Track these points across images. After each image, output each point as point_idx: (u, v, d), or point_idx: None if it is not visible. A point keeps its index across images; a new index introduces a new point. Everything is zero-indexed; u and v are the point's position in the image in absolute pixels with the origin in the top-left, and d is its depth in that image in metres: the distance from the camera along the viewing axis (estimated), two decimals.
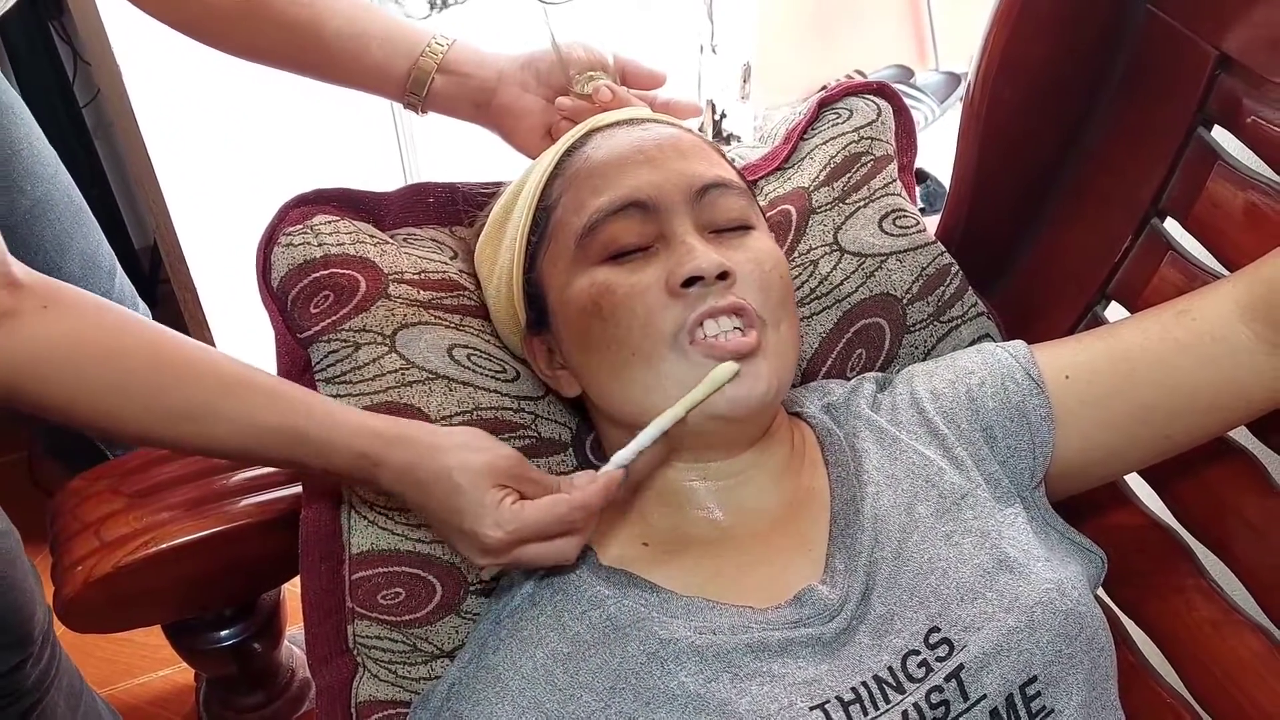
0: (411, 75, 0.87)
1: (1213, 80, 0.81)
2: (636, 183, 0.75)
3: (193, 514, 0.84)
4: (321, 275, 0.82)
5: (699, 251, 0.71)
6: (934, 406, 0.78)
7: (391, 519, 0.79)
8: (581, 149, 0.79)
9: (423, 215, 0.91)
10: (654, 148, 0.77)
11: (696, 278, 0.71)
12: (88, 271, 1.22)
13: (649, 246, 0.74)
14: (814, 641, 0.68)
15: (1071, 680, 0.68)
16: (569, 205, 0.77)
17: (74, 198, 1.21)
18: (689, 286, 0.71)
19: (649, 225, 0.74)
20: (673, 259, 0.72)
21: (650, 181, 0.75)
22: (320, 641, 0.80)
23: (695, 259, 0.71)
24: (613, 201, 0.74)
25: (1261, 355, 0.71)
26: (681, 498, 0.76)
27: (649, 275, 0.72)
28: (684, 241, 0.73)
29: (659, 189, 0.74)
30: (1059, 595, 0.69)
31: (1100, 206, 0.90)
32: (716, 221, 0.75)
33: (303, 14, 0.84)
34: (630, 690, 0.67)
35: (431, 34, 0.87)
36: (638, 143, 0.77)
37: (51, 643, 1.01)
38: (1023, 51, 0.84)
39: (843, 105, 0.96)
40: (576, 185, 0.77)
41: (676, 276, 0.71)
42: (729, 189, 0.76)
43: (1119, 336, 0.77)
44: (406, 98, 0.88)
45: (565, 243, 0.76)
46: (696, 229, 0.74)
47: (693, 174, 0.75)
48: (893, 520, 0.73)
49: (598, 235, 0.74)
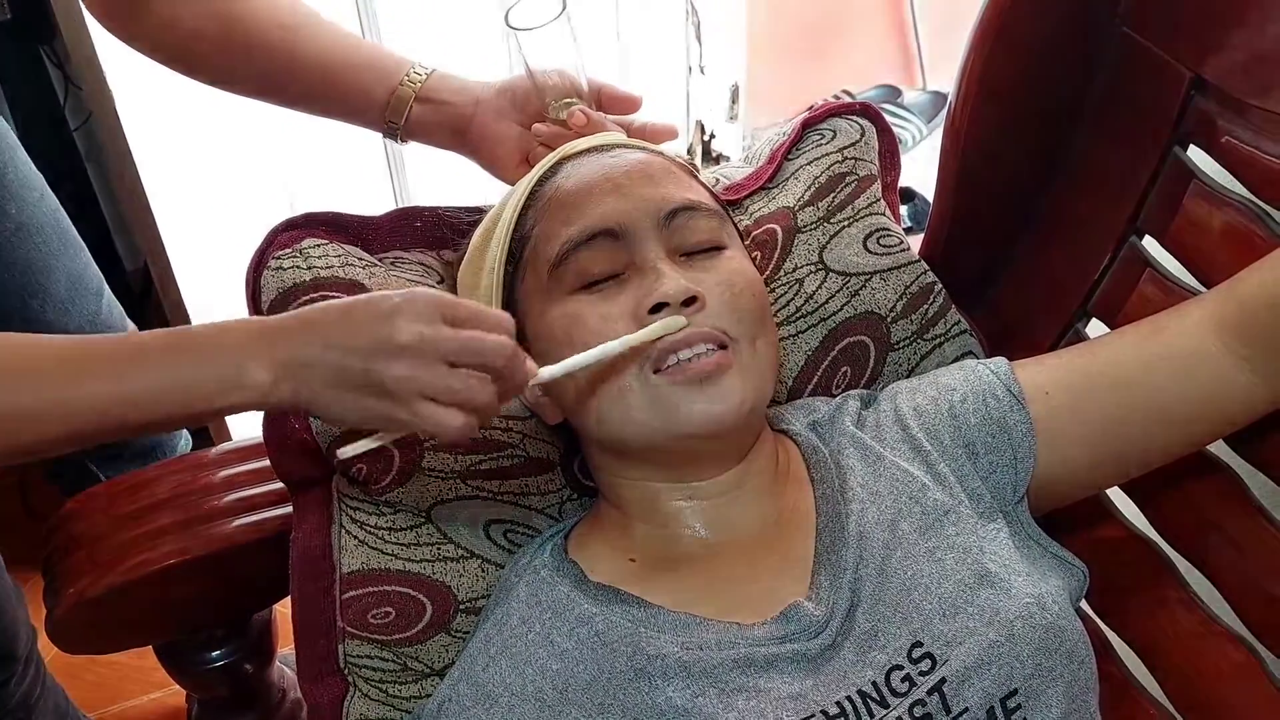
0: (390, 104, 0.87)
1: (1188, 101, 0.83)
2: (605, 210, 0.75)
3: (184, 535, 0.84)
4: (312, 298, 0.82)
5: (666, 278, 0.72)
6: (917, 423, 0.79)
7: (382, 538, 0.80)
8: (553, 178, 0.80)
9: (410, 239, 0.92)
10: (622, 174, 0.77)
11: (663, 304, 0.71)
12: (74, 293, 1.22)
13: (620, 273, 0.75)
14: (799, 657, 0.69)
15: (1052, 693, 0.68)
16: (541, 235, 0.78)
17: (60, 220, 1.22)
18: (656, 313, 0.72)
19: (619, 252, 0.75)
20: (642, 286, 0.73)
21: (618, 209, 0.75)
22: (311, 661, 0.80)
23: (661, 285, 0.72)
24: (582, 231, 0.75)
25: (1236, 370, 0.72)
26: (668, 516, 0.77)
27: (619, 304, 0.73)
28: (653, 268, 0.73)
29: (627, 216, 0.75)
30: (1039, 609, 0.70)
31: (1080, 225, 0.92)
32: (687, 244, 0.76)
33: (281, 44, 0.85)
34: (618, 706, 0.68)
35: (410, 63, 0.88)
36: (607, 170, 0.78)
37: (36, 662, 1.01)
38: (1002, 73, 0.85)
39: (826, 126, 0.98)
40: (548, 215, 0.78)
41: (643, 305, 0.72)
42: (698, 211, 0.77)
43: (1098, 353, 0.78)
44: (385, 126, 0.89)
45: (539, 272, 0.77)
46: (667, 254, 0.75)
47: (661, 199, 0.76)
48: (877, 537, 0.74)
49: (569, 265, 0.75)
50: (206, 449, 0.94)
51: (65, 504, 0.87)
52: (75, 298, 1.24)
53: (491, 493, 0.83)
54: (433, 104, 0.88)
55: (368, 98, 0.88)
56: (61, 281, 1.21)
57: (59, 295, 1.20)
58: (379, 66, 0.88)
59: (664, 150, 0.85)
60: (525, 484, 0.84)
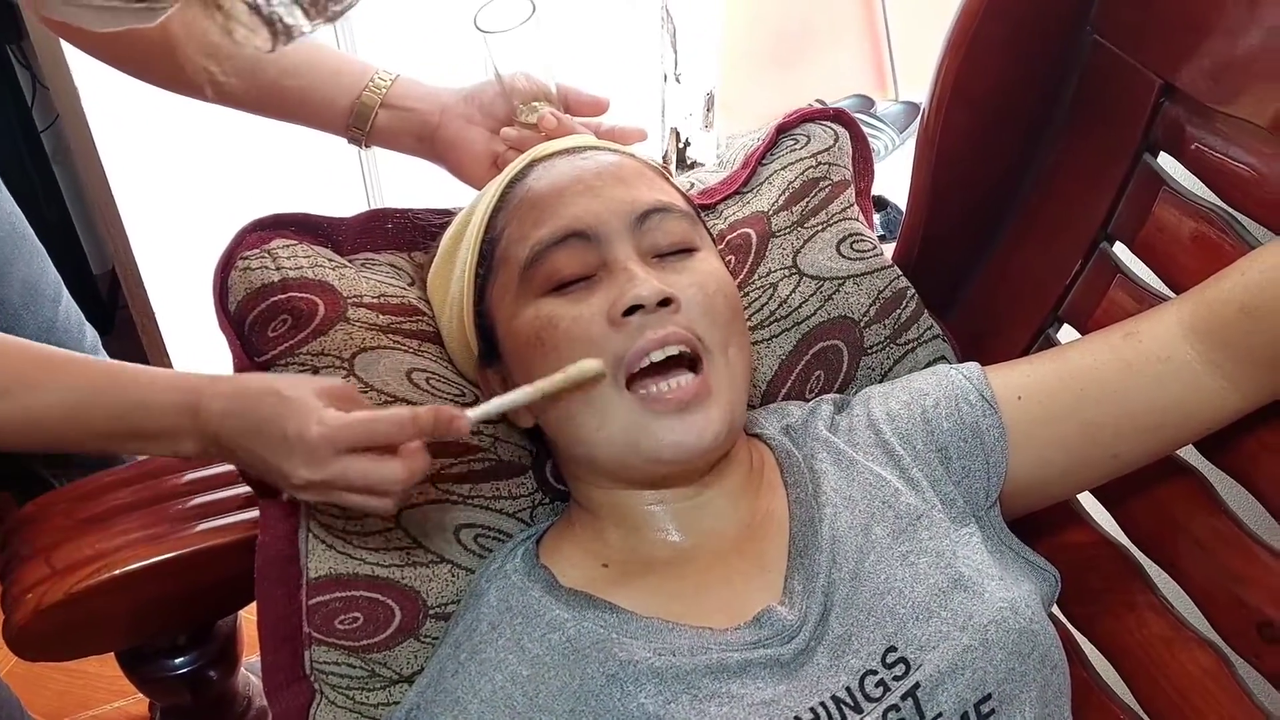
0: (354, 110, 0.87)
1: (1157, 108, 0.83)
2: (576, 212, 0.75)
3: (146, 539, 0.83)
4: (280, 299, 0.81)
5: (639, 279, 0.71)
6: (890, 428, 0.79)
7: (350, 542, 0.79)
8: (523, 180, 0.79)
9: (381, 240, 0.91)
10: (593, 176, 0.77)
11: (637, 306, 0.71)
12: (29, 299, 1.20)
13: (592, 275, 0.74)
14: (773, 662, 0.69)
15: (1025, 697, 0.68)
16: (512, 237, 0.77)
17: (16, 224, 1.19)
18: (630, 315, 0.71)
19: (590, 254, 0.74)
20: (614, 288, 0.72)
21: (590, 210, 0.75)
22: (277, 668, 0.79)
23: (636, 287, 0.71)
24: (553, 233, 0.74)
25: (1204, 375, 0.73)
26: (640, 520, 0.76)
27: (591, 306, 0.72)
28: (625, 269, 0.73)
29: (599, 217, 0.74)
30: (1012, 614, 0.70)
31: (1051, 231, 0.92)
32: (659, 246, 0.76)
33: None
34: (590, 713, 0.67)
35: (374, 69, 0.87)
36: (578, 171, 0.78)
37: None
38: (974, 79, 0.85)
39: (800, 131, 0.98)
40: (519, 217, 0.77)
41: (617, 307, 0.71)
42: (670, 212, 0.76)
43: (1069, 358, 0.79)
44: (349, 133, 0.88)
45: (510, 275, 0.76)
46: (639, 255, 0.74)
47: (633, 200, 0.76)
48: (850, 541, 0.73)
49: (540, 267, 0.74)
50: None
51: (22, 509, 0.85)
52: (30, 304, 1.22)
53: (462, 496, 0.82)
54: (398, 110, 0.87)
55: (331, 105, 0.87)
56: (16, 288, 1.19)
57: (12, 302, 1.18)
58: (342, 73, 0.87)
59: (635, 152, 0.84)
60: (496, 488, 0.83)
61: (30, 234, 1.21)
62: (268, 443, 0.68)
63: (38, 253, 1.23)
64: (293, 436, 0.67)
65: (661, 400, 0.71)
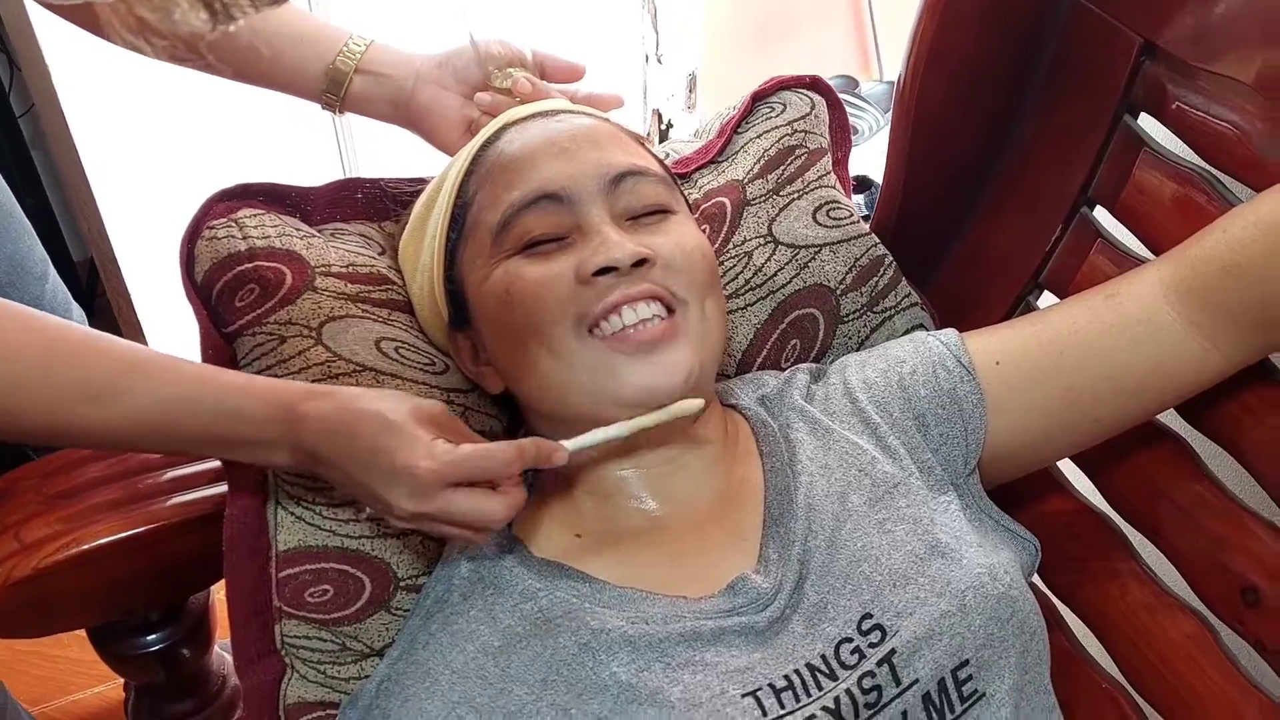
0: (329, 76, 0.86)
1: (1138, 68, 0.82)
2: (549, 174, 0.74)
3: (116, 514, 0.82)
4: (247, 268, 0.80)
5: (613, 242, 0.71)
6: (866, 396, 0.78)
7: (319, 514, 0.78)
8: (495, 144, 0.78)
9: (351, 210, 0.90)
10: (567, 139, 0.76)
11: (609, 269, 0.70)
12: (15, 277, 1.19)
13: (565, 237, 0.73)
14: (747, 630, 0.68)
15: (1003, 663, 0.68)
16: (484, 201, 0.76)
17: (2, 201, 1.19)
18: (600, 276, 0.70)
19: (564, 216, 0.73)
20: (587, 249, 0.71)
21: (563, 172, 0.74)
22: (247, 642, 0.78)
23: (608, 250, 0.70)
24: (525, 195, 0.73)
25: (1186, 336, 0.72)
26: (613, 487, 0.75)
27: (560, 264, 0.72)
28: (598, 231, 0.72)
29: (572, 179, 0.73)
30: (990, 579, 0.69)
31: (1031, 196, 0.91)
32: (633, 208, 0.75)
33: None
34: (563, 682, 0.66)
35: (347, 34, 0.87)
36: (551, 134, 0.77)
37: None
38: (951, 43, 0.84)
39: (776, 99, 0.97)
40: (491, 180, 0.76)
41: (587, 266, 0.70)
42: (645, 176, 0.75)
43: (1048, 321, 0.78)
44: (323, 98, 0.87)
45: (482, 238, 0.75)
46: (612, 218, 0.73)
47: (607, 163, 0.75)
48: (826, 509, 0.73)
49: (512, 228, 0.73)
50: None
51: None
52: (16, 282, 1.21)
53: None
54: (372, 76, 0.87)
55: (304, 71, 0.86)
56: (2, 266, 1.18)
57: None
58: (317, 39, 0.86)
59: (610, 117, 0.83)
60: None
61: (17, 211, 1.20)
62: (373, 470, 0.67)
63: (25, 230, 1.22)
64: (400, 469, 0.66)
65: (627, 340, 0.70)
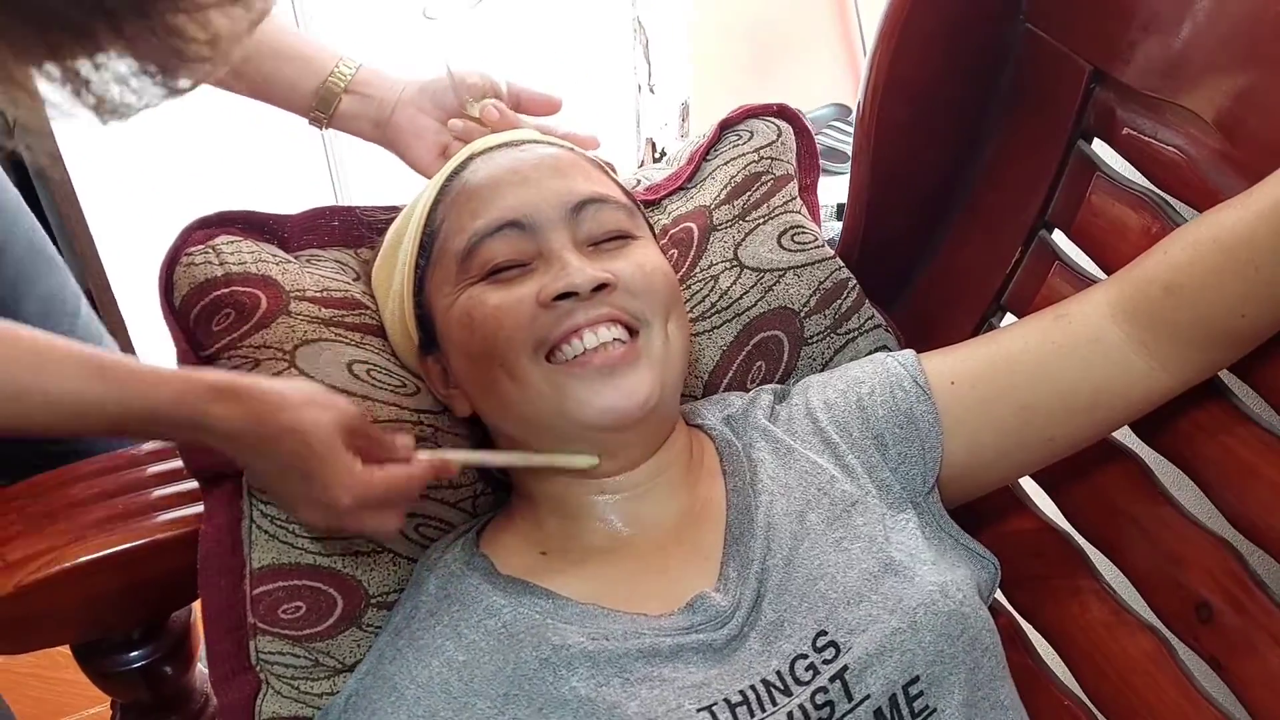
0: (319, 95, 0.90)
1: (1089, 94, 0.84)
2: (513, 202, 0.76)
3: (97, 533, 0.83)
4: (223, 293, 0.82)
5: (573, 267, 0.72)
6: (826, 416, 0.80)
7: (292, 532, 0.80)
8: (461, 174, 0.80)
9: (327, 237, 0.92)
10: (530, 168, 0.78)
11: (569, 294, 0.71)
12: (49, 310, 1.21)
13: (528, 263, 0.75)
14: (705, 647, 0.69)
15: (953, 680, 0.69)
16: (450, 229, 0.78)
17: (35, 240, 1.20)
18: (560, 300, 0.72)
19: (526, 243, 0.75)
20: (549, 275, 0.73)
21: (526, 200, 0.76)
22: (223, 659, 0.80)
23: (569, 275, 0.72)
24: (489, 223, 0.75)
25: (1133, 355, 0.73)
26: (580, 510, 0.77)
27: (522, 290, 0.73)
28: (560, 257, 0.73)
29: (534, 207, 0.75)
30: (942, 596, 0.70)
31: (992, 220, 0.93)
32: (595, 235, 0.76)
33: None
34: (524, 696, 0.68)
35: (339, 56, 0.91)
36: (515, 164, 0.79)
37: None
38: (907, 70, 0.86)
39: (744, 127, 0.99)
40: (457, 209, 0.78)
41: (548, 291, 0.72)
42: (606, 203, 0.77)
43: (1001, 342, 0.79)
44: (311, 114, 0.91)
45: (449, 265, 0.77)
46: (574, 245, 0.75)
47: (568, 191, 0.76)
48: (785, 528, 0.74)
49: (476, 255, 0.75)
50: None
51: None
52: (49, 315, 1.22)
53: None
54: (359, 96, 0.91)
55: (295, 89, 0.90)
56: (34, 302, 1.20)
57: (30, 315, 1.18)
58: (308, 57, 0.90)
59: (575, 148, 0.85)
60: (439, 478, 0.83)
61: (49, 250, 1.22)
62: (290, 484, 0.72)
63: (57, 268, 1.24)
64: (317, 498, 0.71)
65: (586, 364, 0.71)
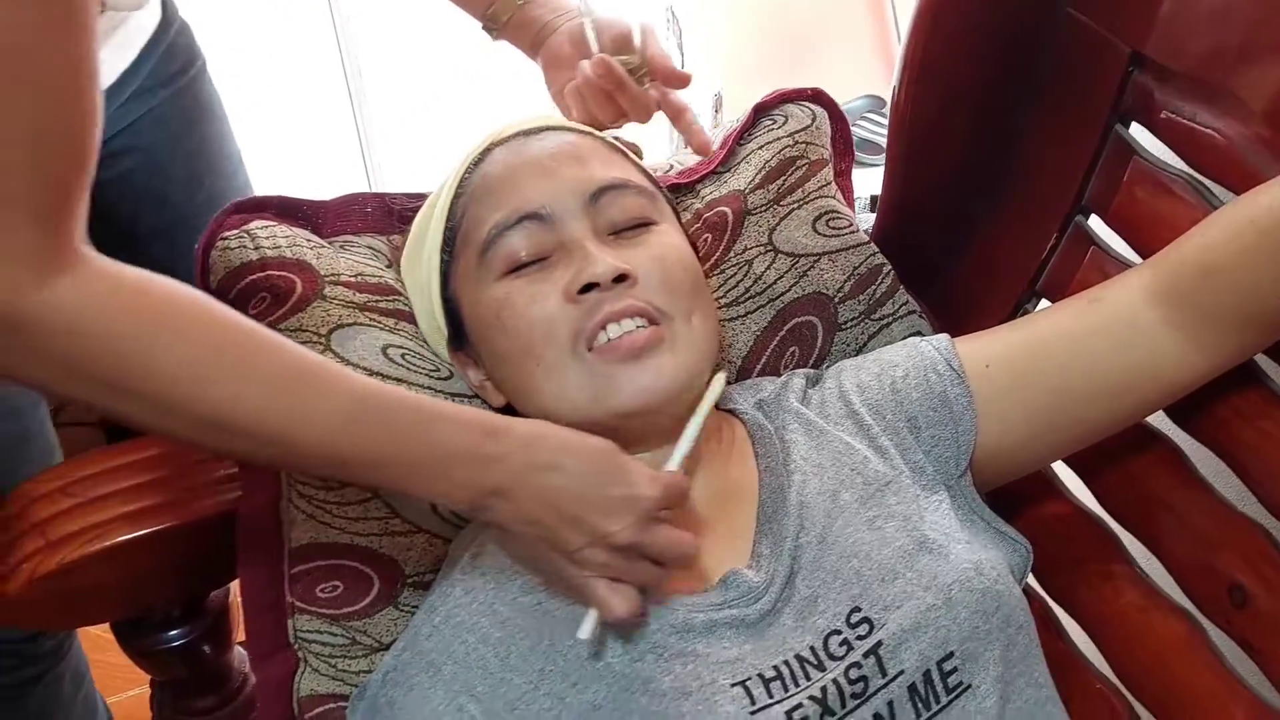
0: (493, 6, 0.94)
1: (1127, 77, 0.83)
2: (529, 194, 0.76)
3: (139, 512, 0.84)
4: (258, 277, 0.83)
5: (594, 257, 0.73)
6: (860, 399, 0.80)
7: (329, 512, 0.81)
8: (481, 165, 0.81)
9: (359, 223, 0.93)
10: (548, 157, 0.78)
11: (593, 284, 0.72)
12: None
13: (548, 256, 0.75)
14: (738, 623, 0.70)
15: (988, 656, 0.69)
16: (471, 222, 0.78)
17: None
18: (586, 293, 0.72)
19: (546, 234, 0.75)
20: (571, 267, 0.73)
21: (543, 190, 0.76)
22: (261, 637, 0.81)
23: (591, 265, 0.72)
24: (508, 216, 0.76)
25: (1168, 337, 0.73)
26: None
27: (548, 285, 0.74)
28: (581, 247, 0.74)
29: (553, 197, 0.76)
30: (976, 574, 0.71)
31: (1027, 205, 0.92)
32: (616, 222, 0.77)
33: None
34: (558, 672, 0.69)
35: None
36: (532, 153, 0.79)
37: None
38: (942, 53, 0.86)
39: (779, 111, 0.99)
40: (476, 202, 0.79)
41: (573, 284, 0.72)
42: (626, 188, 0.77)
43: (1036, 326, 0.79)
44: (485, 22, 0.96)
45: (470, 259, 0.78)
46: (594, 233, 0.75)
47: (587, 178, 0.77)
48: (818, 506, 0.74)
49: (497, 250, 0.76)
50: None
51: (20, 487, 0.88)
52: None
53: None
54: (528, 16, 0.94)
55: None
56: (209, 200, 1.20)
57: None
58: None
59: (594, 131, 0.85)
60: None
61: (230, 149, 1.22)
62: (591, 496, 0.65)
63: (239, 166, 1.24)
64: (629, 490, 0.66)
65: (616, 349, 0.72)
